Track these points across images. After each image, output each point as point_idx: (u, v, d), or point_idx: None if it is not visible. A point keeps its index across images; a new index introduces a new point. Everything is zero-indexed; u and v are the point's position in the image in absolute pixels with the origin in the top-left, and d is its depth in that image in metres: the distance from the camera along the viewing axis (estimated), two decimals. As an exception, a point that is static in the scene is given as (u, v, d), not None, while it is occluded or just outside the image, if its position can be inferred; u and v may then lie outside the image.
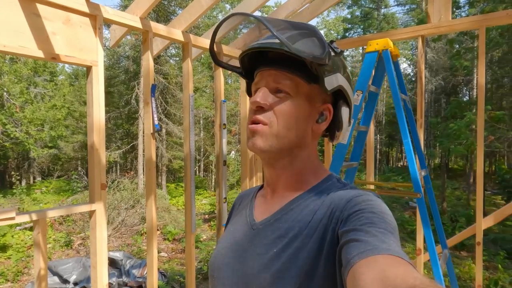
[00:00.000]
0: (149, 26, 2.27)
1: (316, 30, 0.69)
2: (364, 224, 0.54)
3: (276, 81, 0.69)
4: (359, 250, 0.48)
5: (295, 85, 0.69)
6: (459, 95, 18.65)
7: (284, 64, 0.69)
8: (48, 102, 17.62)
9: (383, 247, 0.47)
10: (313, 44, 0.66)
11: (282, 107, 0.68)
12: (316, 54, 0.64)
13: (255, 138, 0.69)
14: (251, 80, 0.78)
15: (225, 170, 2.85)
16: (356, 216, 0.57)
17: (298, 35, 0.66)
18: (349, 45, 2.89)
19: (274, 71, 0.70)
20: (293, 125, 0.69)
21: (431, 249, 1.93)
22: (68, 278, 4.77)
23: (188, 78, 2.56)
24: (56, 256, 7.16)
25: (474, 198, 13.30)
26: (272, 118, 0.68)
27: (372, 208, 0.58)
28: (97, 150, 2.01)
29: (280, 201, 0.73)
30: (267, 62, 0.72)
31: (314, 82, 0.69)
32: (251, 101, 0.70)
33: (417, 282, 0.38)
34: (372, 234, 0.51)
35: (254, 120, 0.70)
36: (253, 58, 0.76)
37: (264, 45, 0.68)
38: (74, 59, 1.90)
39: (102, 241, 2.03)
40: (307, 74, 0.69)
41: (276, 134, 0.68)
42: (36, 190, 16.47)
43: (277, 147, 0.69)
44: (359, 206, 0.59)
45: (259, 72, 0.73)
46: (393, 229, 0.55)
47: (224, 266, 0.73)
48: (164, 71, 13.29)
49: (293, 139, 0.70)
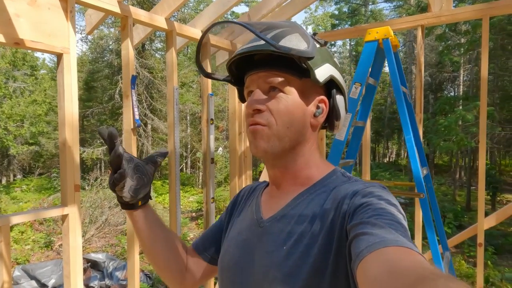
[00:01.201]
0: (128, 11, 2.06)
1: (298, 26, 0.70)
2: (371, 217, 0.53)
3: (267, 80, 0.69)
4: (367, 243, 0.48)
5: (287, 82, 0.69)
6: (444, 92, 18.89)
7: (273, 64, 0.70)
8: (28, 97, 16.96)
9: (391, 239, 0.47)
10: (297, 40, 0.67)
11: (278, 106, 0.68)
12: (302, 48, 0.64)
13: (257, 141, 0.69)
14: (242, 86, 0.78)
15: (212, 168, 2.67)
16: (363, 209, 0.56)
17: (281, 33, 0.67)
18: (345, 35, 2.74)
19: (264, 72, 0.70)
20: (292, 123, 0.69)
21: (435, 251, 1.81)
22: (47, 282, 4.54)
23: (173, 69, 2.36)
24: (35, 258, 6.85)
25: (460, 193, 13.50)
26: (270, 118, 0.68)
27: (379, 199, 0.58)
28: (69, 147, 1.80)
29: (285, 197, 0.72)
30: (255, 65, 0.72)
31: (305, 77, 0.69)
32: (247, 105, 0.70)
33: (426, 273, 0.38)
34: (380, 226, 0.51)
35: (253, 123, 0.69)
36: (240, 64, 0.76)
37: (250, 49, 0.68)
38: (41, 45, 1.69)
39: (76, 249, 1.83)
40: (297, 70, 0.69)
41: (276, 134, 0.68)
42: (16, 188, 15.93)
43: (280, 147, 0.69)
44: (366, 199, 0.58)
45: (248, 76, 0.73)
46: (401, 219, 0.54)
47: (232, 265, 0.73)
48: (149, 65, 12.95)
49: (293, 137, 0.70)
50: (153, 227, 0.83)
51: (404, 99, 1.91)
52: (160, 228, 0.84)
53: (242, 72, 0.77)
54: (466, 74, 14.85)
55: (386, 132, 21.73)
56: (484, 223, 2.21)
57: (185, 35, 2.50)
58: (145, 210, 0.81)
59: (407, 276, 0.38)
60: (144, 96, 12.87)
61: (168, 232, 0.86)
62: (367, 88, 2.19)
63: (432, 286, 0.34)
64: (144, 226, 0.82)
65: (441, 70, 15.82)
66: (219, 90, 15.45)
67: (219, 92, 15.34)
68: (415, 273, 0.39)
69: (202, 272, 0.87)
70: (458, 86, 15.55)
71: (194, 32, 2.56)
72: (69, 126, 1.79)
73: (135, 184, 0.74)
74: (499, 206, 10.44)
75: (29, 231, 8.29)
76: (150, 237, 0.83)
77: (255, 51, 0.68)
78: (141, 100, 13.16)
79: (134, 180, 0.73)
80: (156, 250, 0.84)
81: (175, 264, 0.85)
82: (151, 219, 0.82)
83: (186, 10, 16.15)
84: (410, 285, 0.37)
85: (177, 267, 0.86)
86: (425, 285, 0.35)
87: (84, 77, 17.47)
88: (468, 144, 8.43)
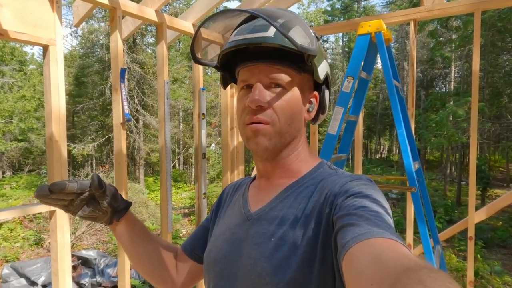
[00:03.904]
0: (117, 3, 2.01)
1: (297, 16, 0.68)
2: (357, 208, 0.53)
3: (270, 76, 0.67)
4: (353, 234, 0.48)
5: (290, 77, 0.67)
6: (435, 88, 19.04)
7: (273, 57, 0.66)
8: (17, 92, 16.66)
9: (377, 231, 0.47)
10: (301, 33, 0.64)
11: (282, 104, 0.67)
12: (307, 45, 0.63)
13: (259, 138, 0.67)
14: (227, 72, 0.76)
15: (204, 164, 2.64)
16: (350, 201, 0.56)
17: (286, 25, 0.63)
18: (338, 29, 2.72)
19: (264, 65, 0.66)
20: (293, 119, 0.69)
21: (426, 245, 1.81)
22: (36, 280, 4.47)
23: (163, 63, 2.32)
24: (25, 256, 6.76)
25: (450, 188, 13.66)
26: (273, 116, 0.67)
27: (366, 191, 0.58)
28: (56, 142, 1.76)
29: (274, 190, 0.72)
30: (252, 55, 0.68)
31: (304, 72, 0.68)
32: (249, 101, 0.66)
33: (411, 264, 0.38)
34: (366, 218, 0.51)
35: (255, 120, 0.67)
36: (234, 52, 0.72)
37: (257, 40, 0.63)
38: (26, 36, 1.63)
39: (64, 246, 1.79)
40: (297, 64, 0.67)
41: (279, 132, 0.68)
42: (6, 185, 15.67)
43: (280, 144, 0.69)
44: (352, 191, 0.58)
45: (245, 68, 0.69)
46: (386, 211, 0.55)
47: (220, 259, 0.72)
48: (141, 60, 12.80)
49: (293, 133, 0.70)
50: (135, 241, 0.83)
51: (396, 93, 1.90)
52: (143, 243, 0.84)
53: (232, 60, 0.74)
54: (457, 71, 14.99)
55: (378, 128, 21.87)
56: (474, 217, 2.22)
57: (176, 28, 2.46)
58: (124, 224, 0.81)
59: (392, 267, 0.39)
60: (135, 91, 12.73)
61: (152, 245, 0.85)
62: (360, 82, 2.18)
63: (415, 276, 0.35)
64: (126, 242, 0.82)
65: (433, 66, 15.93)
66: (211, 86, 15.35)
67: (211, 88, 15.23)
68: (399, 264, 0.39)
69: (192, 273, 0.87)
70: (449, 83, 15.68)
71: (185, 25, 2.52)
72: (56, 120, 1.75)
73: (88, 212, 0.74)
74: (488, 201, 10.59)
75: (19, 228, 8.17)
76: (133, 253, 0.84)
77: (263, 43, 0.63)
78: (132, 96, 13.02)
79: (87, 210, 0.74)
80: (141, 266, 0.85)
81: (160, 277, 0.86)
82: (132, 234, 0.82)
83: (178, 5, 15.97)
84: (394, 275, 0.37)
85: (162, 279, 0.86)
86: (409, 275, 0.35)
87: (74, 72, 17.21)
88: (459, 139, 8.52)
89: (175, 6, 15.49)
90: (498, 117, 12.53)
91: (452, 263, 5.85)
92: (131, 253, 0.83)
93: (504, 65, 12.30)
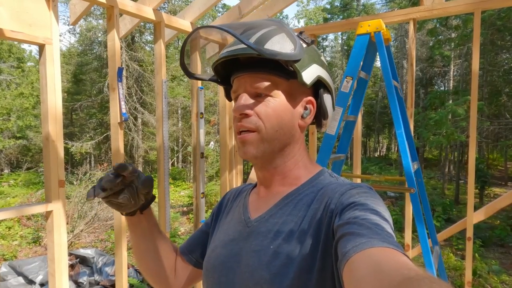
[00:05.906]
0: (114, 1, 1.99)
1: (283, 24, 0.69)
2: (358, 217, 0.53)
3: (254, 86, 0.68)
4: (354, 243, 0.48)
5: (274, 85, 0.68)
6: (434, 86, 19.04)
7: (258, 66, 0.68)
8: (15, 89, 16.59)
9: (377, 240, 0.47)
10: (283, 41, 0.65)
11: (266, 110, 0.68)
12: (288, 51, 0.63)
13: (246, 147, 0.69)
14: (229, 86, 0.77)
15: (202, 163, 2.63)
16: (350, 209, 0.56)
17: (266, 35, 0.65)
18: (337, 28, 2.70)
19: (249, 75, 0.69)
20: (280, 126, 0.69)
21: (425, 246, 1.80)
22: (34, 279, 4.45)
23: (161, 61, 2.30)
24: (22, 254, 6.75)
25: (449, 187, 13.69)
26: (258, 122, 0.67)
27: (366, 200, 0.58)
28: (53, 141, 1.74)
29: (274, 198, 0.72)
30: (241, 66, 0.70)
31: (293, 78, 0.68)
32: (234, 109, 0.69)
33: (412, 274, 0.38)
34: (366, 226, 0.51)
35: (241, 127, 0.69)
36: (226, 64, 0.74)
37: (234, 52, 0.66)
38: (22, 35, 1.62)
39: (61, 246, 1.78)
40: (284, 71, 0.67)
41: (266, 138, 0.68)
42: (4, 183, 15.62)
43: (269, 151, 0.69)
44: (353, 199, 0.58)
45: (235, 79, 0.72)
46: (386, 220, 0.55)
47: (219, 265, 0.72)
48: (139, 58, 12.75)
49: (282, 139, 0.70)
50: (147, 236, 0.83)
51: (395, 93, 1.89)
52: (155, 239, 0.84)
53: (229, 72, 0.76)
54: (456, 69, 14.97)
55: (377, 127, 21.87)
56: (473, 218, 2.22)
57: (174, 26, 2.44)
58: (145, 217, 0.81)
59: (393, 276, 0.39)
60: (134, 89, 12.69)
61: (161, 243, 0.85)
62: (359, 82, 2.17)
63: (415, 286, 0.35)
64: (141, 235, 0.82)
65: (432, 65, 15.92)
66: (210, 84, 15.29)
67: (210, 86, 15.17)
68: (400, 274, 0.39)
69: (187, 275, 0.87)
70: (448, 81, 15.68)
71: (183, 24, 2.50)
72: (52, 120, 1.73)
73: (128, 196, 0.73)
74: (486, 200, 10.62)
75: (17, 226, 8.15)
76: (141, 247, 0.83)
77: (240, 55, 0.66)
78: (131, 94, 12.98)
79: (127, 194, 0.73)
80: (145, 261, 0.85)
81: (161, 277, 0.86)
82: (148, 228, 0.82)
83: (177, 2, 15.90)
84: (395, 286, 0.37)
85: (163, 279, 0.86)
86: (410, 285, 0.35)
87: (73, 70, 17.15)
88: (458, 138, 8.52)
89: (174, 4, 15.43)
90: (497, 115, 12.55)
91: (450, 262, 5.87)
92: (140, 246, 0.83)
93: (503, 63, 12.30)
